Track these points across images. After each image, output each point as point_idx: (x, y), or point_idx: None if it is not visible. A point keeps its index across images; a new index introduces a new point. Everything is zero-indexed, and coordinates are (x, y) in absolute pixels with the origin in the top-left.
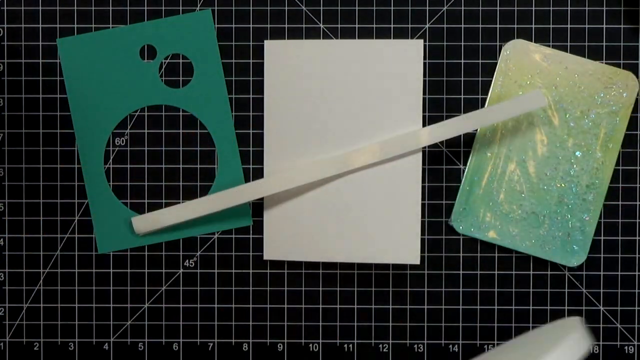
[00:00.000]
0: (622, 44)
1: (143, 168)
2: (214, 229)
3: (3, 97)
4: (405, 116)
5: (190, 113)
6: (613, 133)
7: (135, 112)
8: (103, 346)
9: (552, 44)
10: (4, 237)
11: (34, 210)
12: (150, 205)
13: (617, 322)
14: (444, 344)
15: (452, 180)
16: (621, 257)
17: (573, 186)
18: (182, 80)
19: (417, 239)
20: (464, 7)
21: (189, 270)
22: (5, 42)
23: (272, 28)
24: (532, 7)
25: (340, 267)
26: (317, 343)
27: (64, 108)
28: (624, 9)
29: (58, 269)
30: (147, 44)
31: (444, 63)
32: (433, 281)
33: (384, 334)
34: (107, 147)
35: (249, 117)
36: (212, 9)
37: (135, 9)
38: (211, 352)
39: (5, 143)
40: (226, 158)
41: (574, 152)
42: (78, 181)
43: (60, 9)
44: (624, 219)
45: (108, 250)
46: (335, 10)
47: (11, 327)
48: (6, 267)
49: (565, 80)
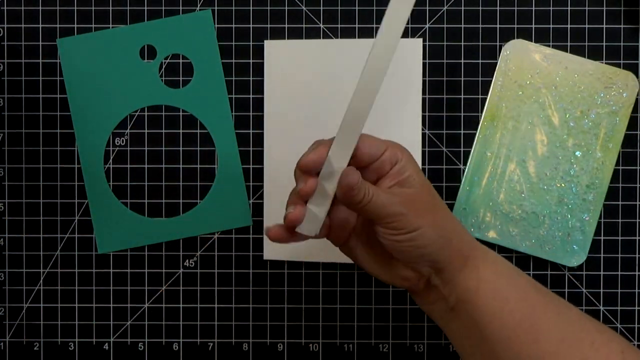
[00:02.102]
0: (622, 44)
1: (143, 168)
2: (214, 229)
3: (3, 97)
4: (405, 115)
5: (190, 113)
6: (613, 133)
7: (135, 112)
8: (103, 346)
9: (552, 44)
10: (4, 237)
11: (34, 210)
12: (150, 205)
13: (617, 322)
14: (443, 343)
15: (452, 180)
16: (621, 257)
17: (573, 186)
18: (182, 80)
19: None
20: (464, 7)
21: (189, 270)
22: (5, 42)
23: (272, 28)
24: (532, 7)
25: (340, 267)
26: (317, 343)
27: (64, 108)
28: (624, 9)
29: (58, 269)
30: (147, 44)
31: (444, 63)
32: None
33: (384, 334)
34: (107, 147)
35: (249, 117)
36: (212, 9)
37: (135, 9)
38: (211, 352)
39: (5, 143)
40: (226, 158)
41: (574, 152)
42: (78, 181)
43: (60, 9)
44: (624, 219)
45: (108, 250)
46: (335, 10)
47: (11, 327)
48: (6, 267)
49: (565, 80)
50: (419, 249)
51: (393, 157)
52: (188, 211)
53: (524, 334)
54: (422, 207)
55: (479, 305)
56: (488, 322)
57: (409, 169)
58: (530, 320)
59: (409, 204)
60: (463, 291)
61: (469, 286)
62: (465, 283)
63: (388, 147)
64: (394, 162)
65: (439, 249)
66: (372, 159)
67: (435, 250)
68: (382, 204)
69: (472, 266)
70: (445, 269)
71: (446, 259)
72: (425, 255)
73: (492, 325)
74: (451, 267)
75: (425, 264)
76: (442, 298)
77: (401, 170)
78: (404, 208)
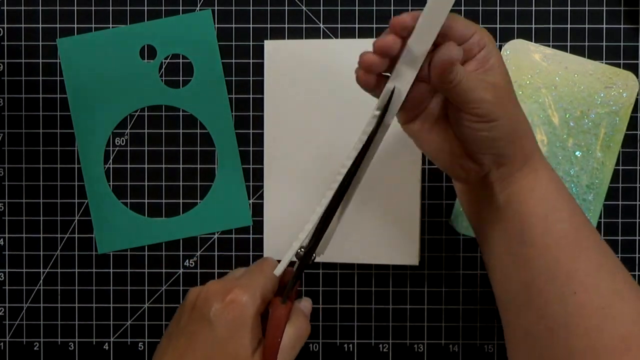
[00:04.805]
0: (622, 44)
1: (143, 168)
2: (214, 229)
3: (3, 97)
4: None
5: (190, 113)
6: (613, 133)
7: (135, 112)
8: (103, 346)
9: (552, 44)
10: (4, 237)
11: (34, 210)
12: (150, 205)
13: None
14: (443, 343)
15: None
16: (621, 257)
17: (573, 186)
18: (182, 80)
19: (417, 240)
20: (464, 7)
21: (189, 270)
22: (5, 42)
23: (272, 28)
24: (532, 7)
25: (340, 267)
26: (317, 343)
27: (64, 108)
28: (624, 9)
29: (58, 269)
30: (147, 44)
31: None
32: (433, 281)
33: (384, 334)
34: (107, 147)
35: (249, 117)
36: (212, 9)
37: (135, 9)
38: None
39: (5, 143)
40: (226, 158)
41: (574, 152)
42: (78, 181)
43: (60, 9)
44: (624, 219)
45: (108, 250)
46: (335, 10)
47: (11, 327)
48: (6, 267)
49: (565, 80)
50: (494, 140)
51: (481, 41)
52: (188, 211)
53: (565, 247)
54: (504, 97)
55: (530, 205)
56: (533, 225)
57: (494, 55)
58: (574, 236)
59: (494, 91)
60: (517, 189)
61: (525, 185)
62: (522, 181)
63: (477, 29)
64: (482, 46)
65: (510, 142)
66: (464, 39)
67: (507, 144)
68: (472, 87)
69: (531, 167)
70: (507, 164)
71: (512, 153)
72: (496, 147)
73: (536, 230)
74: (513, 163)
75: (491, 157)
76: (492, 196)
77: (487, 57)
78: (490, 95)
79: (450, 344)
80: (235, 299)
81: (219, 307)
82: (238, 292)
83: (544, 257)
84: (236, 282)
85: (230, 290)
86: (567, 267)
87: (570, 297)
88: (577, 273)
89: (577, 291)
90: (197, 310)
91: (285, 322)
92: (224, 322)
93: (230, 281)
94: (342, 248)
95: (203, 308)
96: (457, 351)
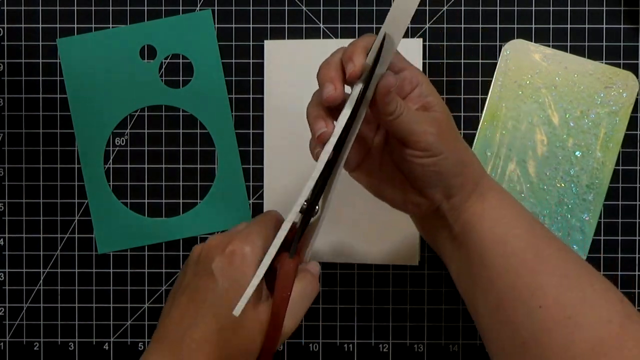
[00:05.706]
0: (622, 44)
1: (143, 168)
2: (214, 229)
3: (3, 97)
4: None
5: (190, 113)
6: (613, 133)
7: (135, 112)
8: (103, 346)
9: (552, 44)
10: (4, 237)
11: (34, 210)
12: (150, 205)
13: None
14: (443, 343)
15: None
16: (621, 257)
17: (573, 186)
18: (182, 80)
19: (416, 240)
20: (464, 7)
21: None
22: (5, 42)
23: (272, 28)
24: (532, 7)
25: (340, 267)
26: (317, 343)
27: (64, 108)
28: (624, 9)
29: (58, 269)
30: (147, 44)
31: (444, 63)
32: (433, 281)
33: (384, 334)
34: (107, 147)
35: (249, 117)
36: (212, 9)
37: (135, 9)
38: None
39: (5, 143)
40: (226, 158)
41: (574, 152)
42: (78, 181)
43: (60, 9)
44: (624, 219)
45: (108, 250)
46: (335, 10)
47: (11, 327)
48: (6, 267)
49: (565, 80)
50: (441, 174)
51: (413, 79)
52: (188, 211)
53: (526, 263)
54: (446, 131)
55: (484, 230)
56: (490, 248)
57: (431, 94)
58: (533, 251)
59: (436, 125)
60: (469, 216)
61: (476, 210)
62: (472, 208)
63: (407, 67)
64: (414, 84)
65: (456, 175)
66: (394, 70)
67: (454, 176)
68: (414, 120)
69: (479, 193)
70: (457, 195)
71: (460, 184)
72: (443, 180)
73: (494, 252)
74: (462, 193)
75: (440, 190)
76: (447, 226)
77: (423, 94)
78: (433, 128)
79: (450, 344)
80: (235, 250)
81: (220, 259)
82: (238, 243)
83: (506, 277)
84: (236, 234)
85: (230, 241)
86: (530, 282)
87: (536, 311)
88: (540, 287)
89: (542, 305)
90: (199, 264)
91: (294, 276)
92: (226, 273)
93: (231, 234)
94: (342, 248)
95: (205, 262)
96: (457, 351)
